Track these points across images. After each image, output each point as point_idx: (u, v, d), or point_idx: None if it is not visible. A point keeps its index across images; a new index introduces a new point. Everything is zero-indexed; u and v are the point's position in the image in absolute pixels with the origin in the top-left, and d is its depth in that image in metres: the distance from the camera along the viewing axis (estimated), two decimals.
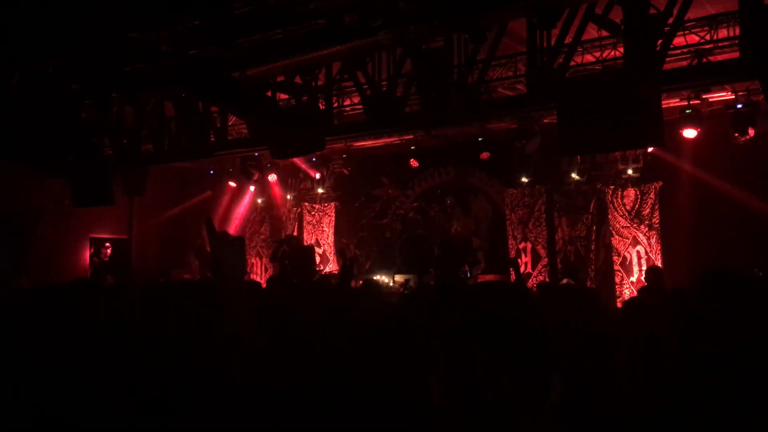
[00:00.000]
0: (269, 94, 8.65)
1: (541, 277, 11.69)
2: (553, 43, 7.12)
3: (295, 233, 14.18)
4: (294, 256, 11.60)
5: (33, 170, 11.83)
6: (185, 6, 5.68)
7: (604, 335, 2.77)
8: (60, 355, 2.69)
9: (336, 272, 11.72)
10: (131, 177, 11.92)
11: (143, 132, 10.89)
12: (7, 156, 9.22)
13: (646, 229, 10.81)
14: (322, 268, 13.36)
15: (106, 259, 14.02)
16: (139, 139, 10.78)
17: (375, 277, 10.42)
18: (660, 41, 6.44)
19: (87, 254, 13.99)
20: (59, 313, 3.27)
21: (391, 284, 10.62)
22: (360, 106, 9.10)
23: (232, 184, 14.72)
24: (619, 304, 9.71)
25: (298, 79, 8.82)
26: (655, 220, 10.78)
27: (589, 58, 8.69)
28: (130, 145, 10.78)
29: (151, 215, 14.87)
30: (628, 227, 10.98)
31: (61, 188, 12.76)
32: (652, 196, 10.84)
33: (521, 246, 12.02)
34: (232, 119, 9.95)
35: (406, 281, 9.97)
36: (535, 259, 11.86)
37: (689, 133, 9.85)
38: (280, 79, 8.91)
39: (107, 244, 14.22)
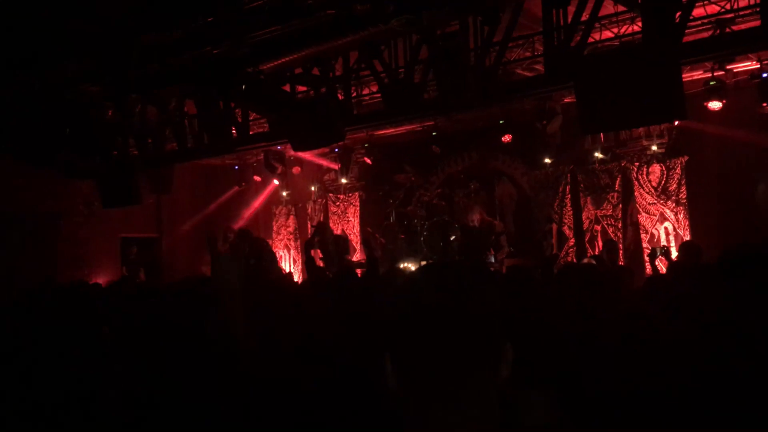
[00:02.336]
0: (287, 87, 8.69)
1: (569, 258, 11.61)
2: (569, 20, 7.05)
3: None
4: (325, 246, 11.69)
5: (61, 173, 12.07)
6: (196, 4, 5.73)
7: (625, 315, 2.76)
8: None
9: (363, 261, 11.76)
10: (157, 176, 12.06)
11: (167, 131, 11.04)
12: (33, 160, 9.41)
13: (674, 204, 10.67)
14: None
15: (136, 257, 14.25)
16: (163, 138, 10.92)
17: (401, 266, 10.43)
18: (679, 13, 6.33)
19: (118, 253, 14.21)
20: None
21: None
22: (379, 95, 9.11)
23: (257, 178, 14.82)
24: None
25: (315, 71, 8.86)
26: (682, 195, 10.63)
27: (607, 34, 8.56)
28: (155, 144, 10.92)
29: (180, 213, 15.05)
30: (655, 204, 10.85)
31: (90, 190, 12.99)
32: (678, 171, 10.69)
33: (547, 228, 11.94)
34: (253, 114, 10.00)
35: None
36: (562, 240, 11.78)
37: (714, 105, 9.67)
38: (297, 71, 8.96)
39: (134, 246, 14.45)
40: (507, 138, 11.91)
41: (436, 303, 1.21)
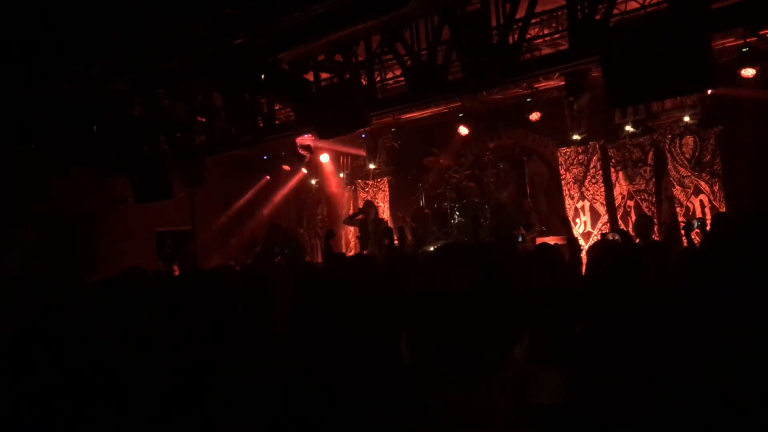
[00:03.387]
0: (310, 75, 8.69)
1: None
2: None
3: (351, 211, 14.28)
4: (365, 225, 11.72)
5: (94, 171, 12.28)
6: None
7: (651, 292, 2.71)
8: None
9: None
10: (188, 170, 12.20)
11: (195, 124, 11.16)
12: (67, 159, 9.59)
13: (708, 176, 10.45)
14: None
15: (171, 250, 14.46)
16: (192, 131, 11.04)
17: (431, 248, 10.41)
18: None
19: (154, 247, 14.44)
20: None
21: None
22: (402, 78, 9.06)
23: (286, 168, 14.90)
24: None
25: (337, 57, 8.84)
26: (717, 166, 10.39)
27: (633, 5, 8.38)
28: (184, 138, 11.04)
29: (212, 206, 15.22)
30: (689, 176, 10.63)
31: (123, 186, 13.20)
32: (712, 141, 10.45)
33: (579, 205, 11.79)
34: (279, 104, 10.05)
35: None
36: (595, 217, 11.63)
37: (748, 72, 9.41)
38: (320, 58, 8.95)
39: (169, 240, 14.67)
40: (535, 116, 11.76)
41: (451, 283, 1.20)
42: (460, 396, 1.17)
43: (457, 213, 11.60)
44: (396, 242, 7.14)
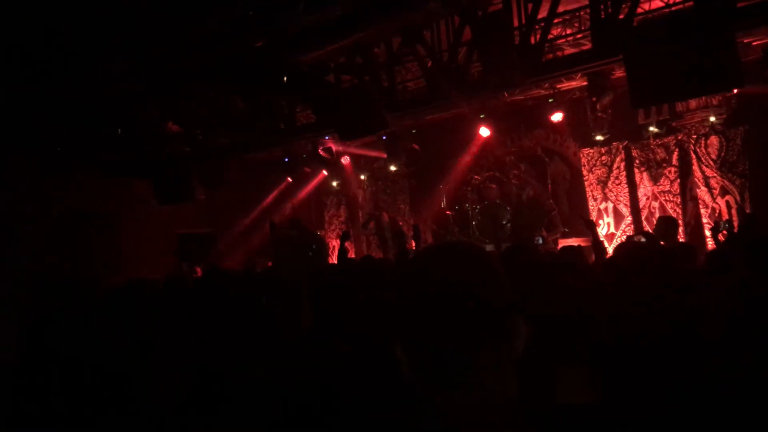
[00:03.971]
0: (331, 77, 8.70)
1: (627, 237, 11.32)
2: None
3: (364, 217, 14.27)
4: (381, 232, 11.71)
5: (116, 173, 12.42)
6: None
7: (677, 293, 2.65)
8: None
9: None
10: (209, 172, 12.30)
11: (216, 126, 11.24)
12: (91, 161, 9.70)
13: (735, 177, 10.27)
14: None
15: (192, 253, 14.55)
16: (214, 133, 11.12)
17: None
18: None
19: (175, 249, 14.54)
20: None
21: None
22: (423, 80, 9.04)
23: (307, 170, 14.92)
24: None
25: (358, 59, 8.85)
26: (744, 166, 10.22)
27: (656, 4, 8.27)
28: (205, 140, 11.13)
29: (233, 208, 15.30)
30: (715, 177, 10.47)
31: (146, 188, 13.34)
32: (738, 142, 10.27)
33: (602, 206, 11.67)
34: (300, 106, 10.08)
35: None
36: (618, 218, 11.50)
37: None
38: (341, 60, 8.96)
39: (190, 242, 14.77)
40: (557, 116, 11.65)
41: (433, 286, 1.20)
42: (457, 400, 1.16)
43: (478, 215, 11.53)
44: (413, 244, 7.10)
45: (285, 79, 5.97)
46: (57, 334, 2.65)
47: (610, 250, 6.00)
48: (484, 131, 12.52)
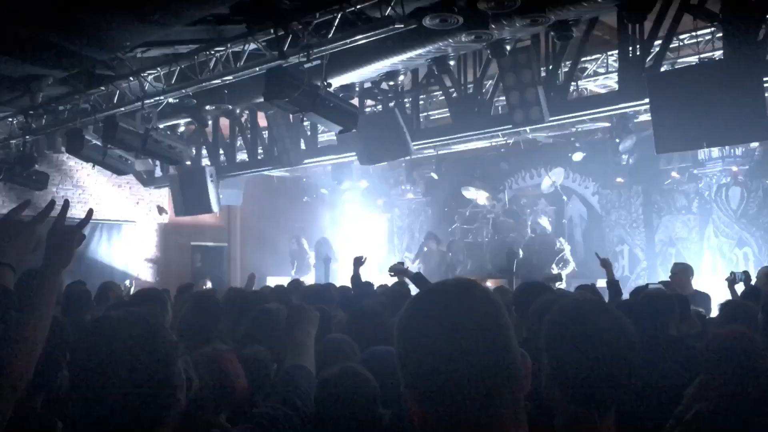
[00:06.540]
0: (356, 100, 8.75)
1: (641, 281, 11.21)
2: (646, 36, 6.84)
3: (386, 238, 14.26)
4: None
5: (137, 182, 12.55)
6: (263, 17, 5.83)
7: (693, 341, 2.62)
8: None
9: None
10: (228, 186, 12.36)
11: (238, 142, 11.34)
12: (112, 169, 9.78)
13: (754, 228, 10.17)
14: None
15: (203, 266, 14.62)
16: (234, 149, 11.21)
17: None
18: (762, 29, 6.07)
19: (190, 261, 14.61)
20: None
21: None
22: (447, 110, 9.08)
23: (324, 191, 14.96)
24: None
25: (384, 85, 8.90)
26: (765, 219, 10.12)
27: (686, 52, 8.27)
28: (226, 155, 11.22)
29: (248, 224, 15.35)
30: (734, 227, 10.37)
31: (164, 199, 13.45)
32: (759, 194, 10.19)
33: (618, 249, 11.58)
34: (321, 127, 10.13)
35: None
36: (633, 262, 11.40)
37: None
38: (366, 85, 9.02)
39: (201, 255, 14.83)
40: (578, 156, 11.64)
41: (425, 335, 1.19)
42: None
43: (494, 248, 11.48)
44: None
45: (313, 99, 6.00)
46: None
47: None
48: (504, 166, 12.54)
